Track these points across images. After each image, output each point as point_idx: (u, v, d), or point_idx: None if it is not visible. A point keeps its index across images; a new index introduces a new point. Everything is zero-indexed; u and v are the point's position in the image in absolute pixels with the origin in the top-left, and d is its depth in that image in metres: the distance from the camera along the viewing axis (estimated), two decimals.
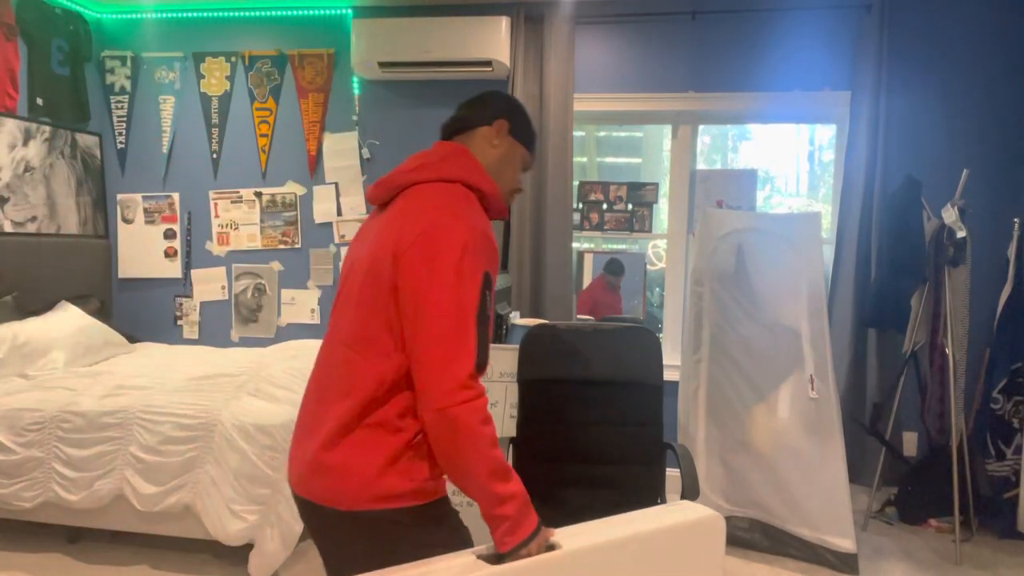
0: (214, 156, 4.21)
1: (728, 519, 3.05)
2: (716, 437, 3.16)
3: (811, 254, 3.06)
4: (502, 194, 1.39)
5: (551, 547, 1.18)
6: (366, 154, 4.07)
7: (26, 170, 3.71)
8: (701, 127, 3.97)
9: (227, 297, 4.25)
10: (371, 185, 1.37)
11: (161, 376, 3.15)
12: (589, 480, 2.31)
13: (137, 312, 4.32)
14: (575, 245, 3.88)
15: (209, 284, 4.25)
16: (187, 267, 4.27)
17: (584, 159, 5.21)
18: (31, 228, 3.75)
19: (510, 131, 1.41)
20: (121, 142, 4.27)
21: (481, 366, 1.17)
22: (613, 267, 4.02)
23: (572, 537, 1.23)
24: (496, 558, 1.15)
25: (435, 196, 1.25)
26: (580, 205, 3.98)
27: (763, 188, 4.82)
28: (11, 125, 3.60)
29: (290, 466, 1.31)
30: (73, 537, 2.94)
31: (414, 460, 1.20)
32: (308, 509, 1.26)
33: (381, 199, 1.34)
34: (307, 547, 2.87)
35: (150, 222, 4.28)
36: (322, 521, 1.25)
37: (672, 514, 1.35)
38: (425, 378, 1.14)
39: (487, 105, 1.41)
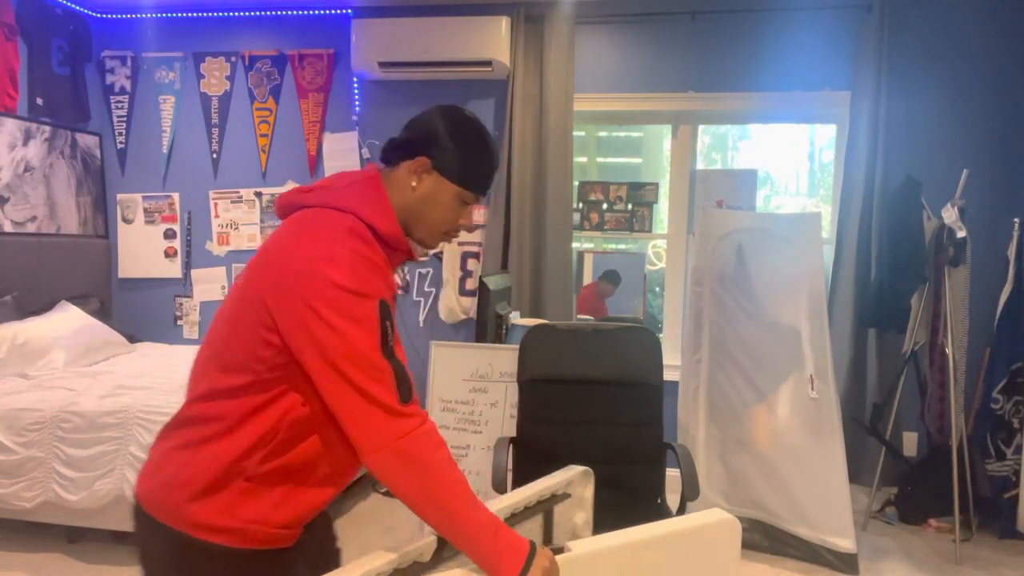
0: (214, 156, 4.21)
1: None
2: (716, 437, 3.16)
3: (811, 254, 3.06)
4: (429, 238, 1.23)
5: (558, 550, 1.12)
6: (366, 154, 4.07)
7: (26, 170, 3.71)
8: (701, 127, 3.97)
9: None
10: (283, 195, 1.23)
11: (161, 376, 3.15)
12: None
13: (137, 312, 4.32)
14: (575, 245, 3.88)
15: (209, 284, 4.25)
16: (187, 267, 4.27)
17: (584, 159, 5.21)
18: (31, 228, 3.75)
19: (434, 167, 1.18)
20: (121, 142, 4.27)
21: (406, 396, 1.06)
22: (610, 276, 4.02)
23: (583, 543, 1.18)
24: None
25: (319, 225, 1.09)
26: (580, 205, 3.98)
27: (763, 188, 4.82)
28: (11, 125, 3.60)
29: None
30: (73, 537, 2.94)
31: (242, 496, 1.08)
32: (135, 508, 1.15)
33: (281, 214, 1.20)
34: None
35: (150, 222, 4.28)
36: (139, 524, 1.15)
37: (687, 518, 1.33)
38: (354, 429, 1.03)
39: (413, 132, 1.20)
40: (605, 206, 3.96)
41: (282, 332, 1.05)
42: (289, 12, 4.09)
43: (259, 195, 4.19)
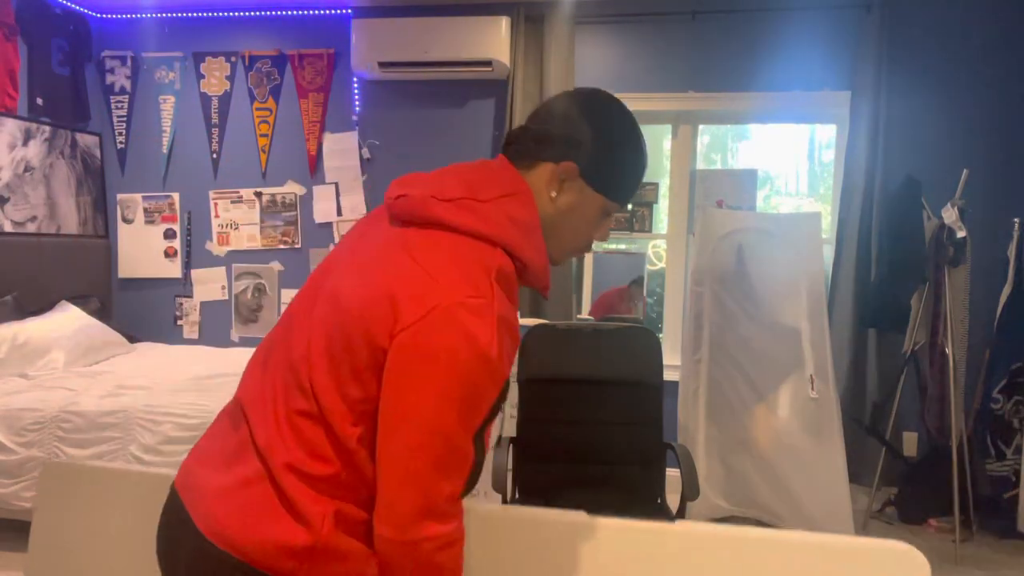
0: (214, 156, 4.21)
1: (728, 519, 3.05)
2: (716, 437, 3.16)
3: (811, 254, 3.06)
4: (559, 256, 1.07)
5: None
6: (366, 154, 4.07)
7: (26, 170, 3.71)
8: (701, 127, 3.97)
9: (227, 297, 4.25)
10: (397, 184, 1.01)
11: (161, 376, 3.15)
12: (589, 480, 2.31)
13: (137, 312, 4.32)
14: None
15: (209, 284, 4.25)
16: (187, 267, 4.27)
17: None
18: (31, 228, 3.75)
19: (582, 174, 1.00)
20: (121, 142, 4.27)
21: (467, 489, 0.96)
22: (640, 282, 4.01)
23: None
24: None
25: (464, 262, 0.92)
26: None
27: (763, 188, 4.82)
28: (11, 125, 3.60)
29: (195, 489, 0.99)
30: None
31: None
32: (204, 548, 0.95)
33: (396, 216, 0.99)
34: None
35: (150, 222, 4.28)
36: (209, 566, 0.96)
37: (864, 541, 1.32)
38: (388, 498, 0.90)
39: (556, 127, 0.99)
40: None
41: (386, 371, 0.89)
42: (289, 12, 4.09)
43: (259, 195, 4.19)
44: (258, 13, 4.12)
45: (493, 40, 3.63)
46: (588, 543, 1.32)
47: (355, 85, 4.06)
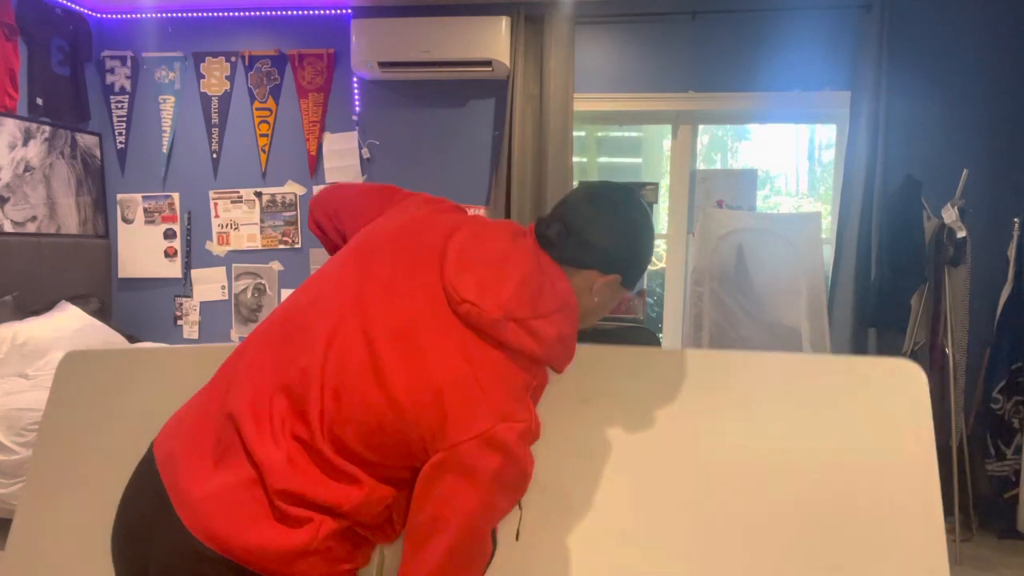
0: (214, 156, 4.21)
1: None
2: None
3: (811, 254, 3.06)
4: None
5: None
6: (366, 154, 4.07)
7: (26, 170, 3.71)
8: (701, 127, 3.96)
9: (227, 297, 4.25)
10: (460, 258, 1.04)
11: None
12: None
13: (137, 312, 4.31)
14: None
15: (209, 284, 4.25)
16: (187, 267, 4.27)
17: (584, 159, 5.21)
18: (31, 228, 3.75)
19: (621, 282, 1.11)
20: (121, 142, 4.27)
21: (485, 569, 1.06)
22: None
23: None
24: None
25: (513, 381, 0.99)
26: None
27: (763, 188, 4.82)
28: (11, 125, 3.60)
29: (185, 484, 0.99)
30: None
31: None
32: (189, 544, 0.96)
33: (455, 291, 1.00)
34: None
35: (150, 222, 4.28)
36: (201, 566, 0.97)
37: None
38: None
39: (617, 238, 1.08)
40: None
41: (432, 457, 0.96)
42: (289, 12, 4.09)
43: (259, 195, 4.19)
44: (258, 13, 4.12)
45: (493, 40, 3.63)
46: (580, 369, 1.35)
47: (355, 85, 4.06)
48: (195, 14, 4.16)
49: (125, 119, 4.26)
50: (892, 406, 1.25)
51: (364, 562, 1.08)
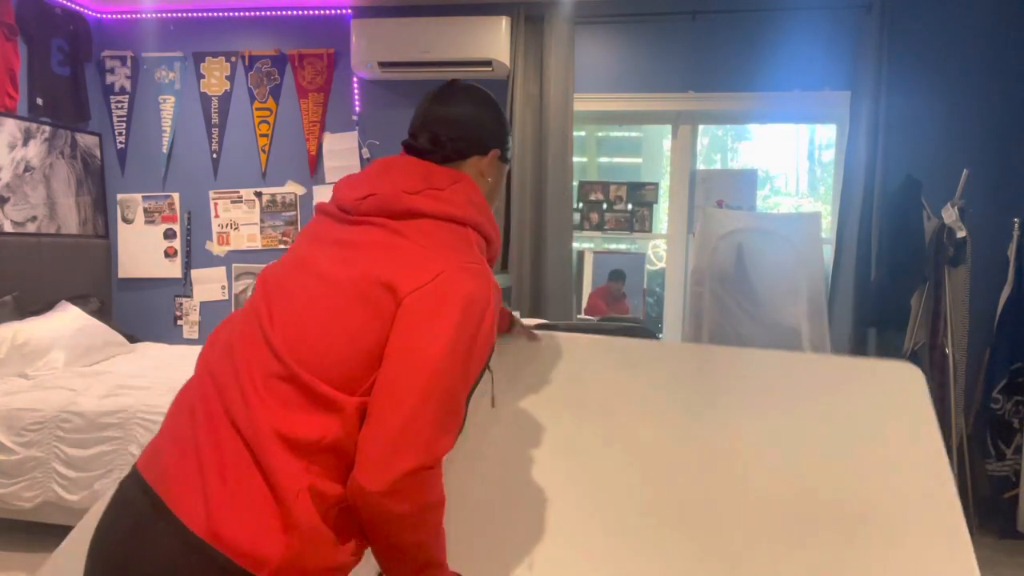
0: (214, 156, 4.21)
1: None
2: None
3: (811, 254, 3.06)
4: (492, 226, 1.19)
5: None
6: (366, 154, 4.07)
7: (26, 170, 3.71)
8: (701, 127, 3.97)
9: (227, 297, 4.25)
10: (349, 186, 1.12)
11: (161, 376, 3.15)
12: None
13: (137, 312, 4.32)
14: (575, 245, 3.88)
15: (209, 284, 4.25)
16: (187, 267, 4.27)
17: (584, 159, 5.21)
18: (31, 228, 3.75)
19: (500, 157, 1.20)
20: (121, 142, 4.27)
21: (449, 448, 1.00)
22: (615, 275, 4.02)
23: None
24: None
25: (448, 238, 1.04)
26: (580, 205, 3.98)
27: (763, 188, 4.82)
28: (11, 125, 3.60)
29: (182, 493, 0.93)
30: None
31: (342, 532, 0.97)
32: (194, 545, 0.90)
33: (367, 212, 1.07)
34: None
35: (150, 222, 4.28)
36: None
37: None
38: (376, 447, 0.92)
39: (485, 118, 1.18)
40: (605, 206, 3.96)
41: (394, 331, 0.96)
42: (289, 12, 4.09)
43: (259, 195, 4.19)
44: (258, 13, 4.12)
45: (493, 40, 3.63)
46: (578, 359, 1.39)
47: (355, 85, 4.06)
48: (195, 14, 4.16)
49: (125, 119, 4.26)
50: (893, 408, 1.25)
51: (359, 551, 1.02)
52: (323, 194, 4.12)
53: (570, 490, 1.27)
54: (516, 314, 1.63)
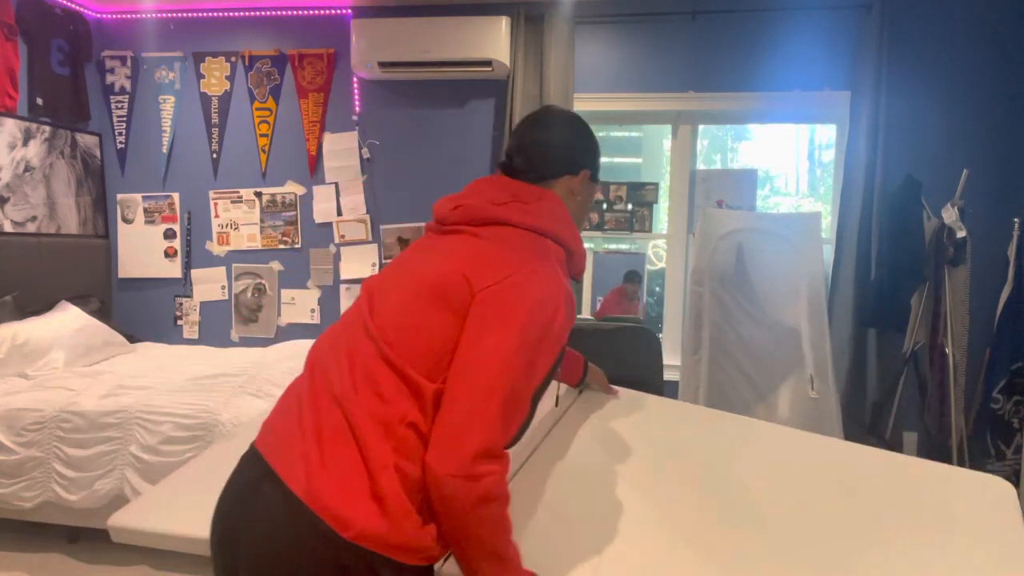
0: (214, 156, 4.21)
1: None
2: None
3: (811, 254, 3.06)
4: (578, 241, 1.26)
5: None
6: (366, 154, 4.07)
7: (26, 170, 3.71)
8: (701, 127, 3.97)
9: (227, 297, 4.25)
10: (444, 202, 1.22)
11: (161, 376, 3.15)
12: None
13: (137, 312, 4.31)
14: None
15: (209, 284, 4.25)
16: (187, 267, 4.27)
17: None
18: (31, 228, 3.74)
19: (591, 177, 1.29)
20: (121, 142, 4.27)
21: (512, 444, 1.07)
22: (631, 276, 4.01)
23: None
24: None
25: (526, 245, 1.12)
26: None
27: (763, 188, 4.82)
28: (11, 125, 3.60)
29: (286, 458, 1.04)
30: (73, 537, 2.94)
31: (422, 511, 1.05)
32: (303, 518, 1.00)
33: (457, 221, 1.18)
34: None
35: (150, 222, 4.28)
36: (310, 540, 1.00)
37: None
38: (445, 430, 1.00)
39: (577, 142, 1.27)
40: (605, 206, 3.96)
41: (467, 323, 1.04)
42: (289, 12, 4.09)
43: (259, 195, 4.19)
44: (258, 13, 4.12)
45: (493, 40, 3.63)
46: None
47: (355, 85, 4.06)
48: (195, 14, 4.16)
49: (125, 119, 4.26)
50: (984, 524, 1.22)
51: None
52: (323, 194, 4.12)
53: (637, 499, 1.29)
54: (592, 366, 1.70)
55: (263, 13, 4.12)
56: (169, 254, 4.27)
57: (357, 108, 4.07)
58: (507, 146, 1.29)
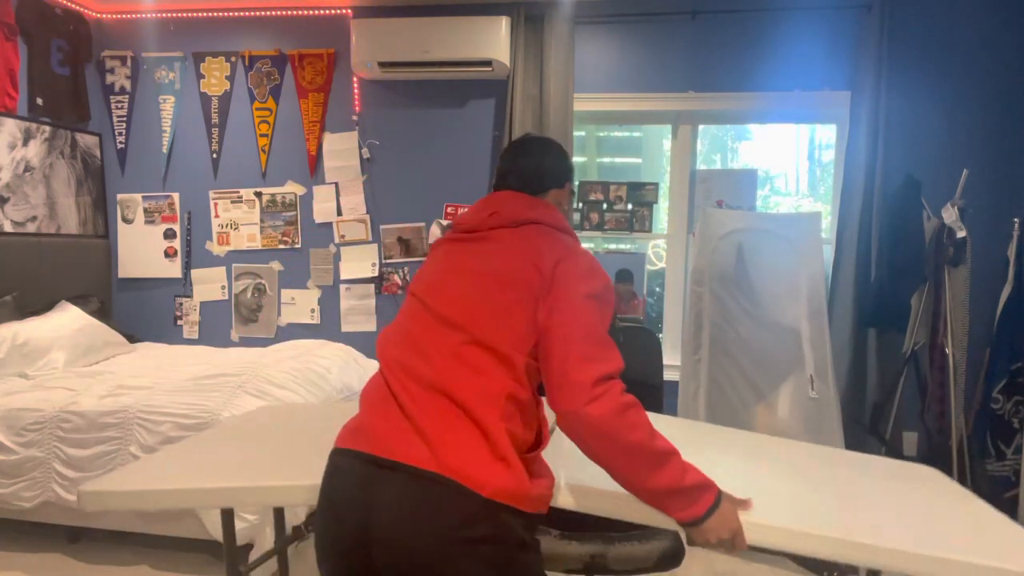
0: (214, 156, 4.21)
1: None
2: None
3: (811, 254, 3.06)
4: None
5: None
6: (366, 154, 4.07)
7: (26, 170, 3.71)
8: (701, 127, 3.97)
9: (227, 297, 4.25)
10: (472, 213, 1.43)
11: (161, 376, 3.15)
12: None
13: (137, 312, 4.32)
14: None
15: (209, 284, 4.25)
16: (187, 267, 4.27)
17: (584, 159, 5.21)
18: (31, 228, 3.75)
19: (570, 189, 1.55)
20: (121, 142, 4.27)
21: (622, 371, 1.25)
22: (622, 276, 4.01)
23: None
24: None
25: (560, 236, 1.38)
26: (580, 205, 3.98)
27: (763, 188, 4.82)
28: (11, 125, 3.60)
29: (401, 444, 1.19)
30: (73, 537, 2.94)
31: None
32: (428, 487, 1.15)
33: (494, 225, 1.40)
34: (307, 547, 2.87)
35: (150, 222, 4.28)
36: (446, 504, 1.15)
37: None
38: (559, 374, 1.20)
39: (558, 163, 1.52)
40: (605, 206, 3.96)
41: (552, 291, 1.27)
42: (289, 12, 4.09)
43: (259, 195, 4.19)
44: (258, 13, 4.12)
45: (493, 40, 3.63)
46: None
47: (355, 85, 4.06)
48: (195, 14, 4.16)
49: (125, 119, 4.26)
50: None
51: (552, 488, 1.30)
52: (323, 194, 4.12)
53: None
54: None
55: (263, 13, 4.12)
56: (169, 254, 4.27)
57: (357, 108, 4.07)
58: (499, 169, 1.53)
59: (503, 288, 1.28)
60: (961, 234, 3.04)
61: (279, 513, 2.09)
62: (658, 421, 1.69)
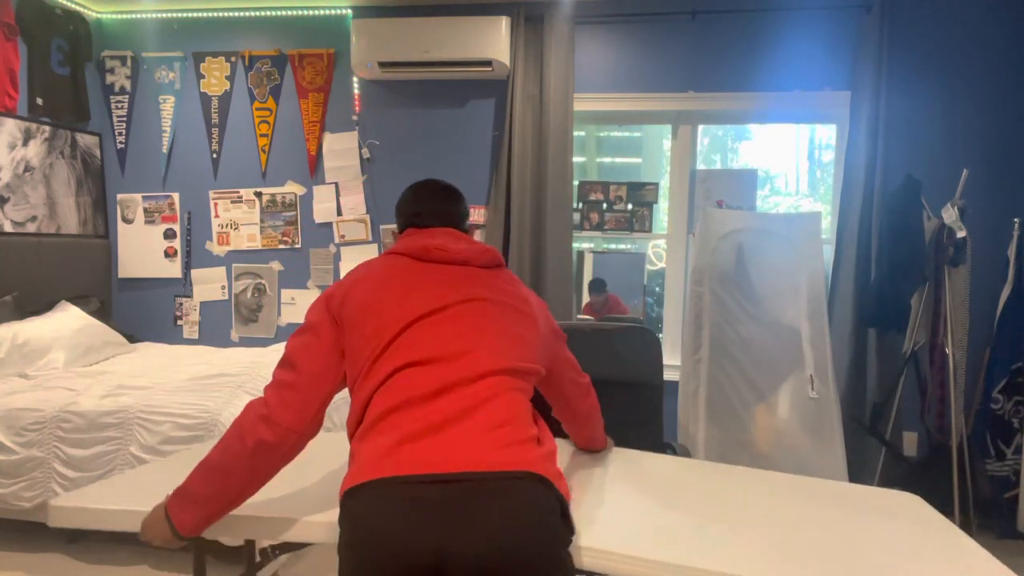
0: (214, 156, 4.21)
1: None
2: (716, 437, 3.16)
3: (811, 254, 3.06)
4: None
5: None
6: (366, 154, 4.07)
7: (26, 170, 3.71)
8: (701, 127, 3.97)
9: (227, 297, 4.25)
10: (445, 242, 1.52)
11: (161, 376, 3.15)
12: None
13: (137, 312, 4.32)
14: (575, 245, 3.88)
15: (209, 284, 4.25)
16: (187, 267, 4.27)
17: (584, 159, 5.21)
18: (31, 228, 3.75)
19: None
20: (121, 142, 4.27)
21: None
22: (594, 286, 4.02)
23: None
24: None
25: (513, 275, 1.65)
26: (580, 205, 3.98)
27: (763, 188, 4.82)
28: (11, 125, 3.60)
29: (463, 457, 1.22)
30: (73, 537, 2.94)
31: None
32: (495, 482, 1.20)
33: (482, 264, 1.54)
34: (307, 547, 2.87)
35: (150, 222, 4.28)
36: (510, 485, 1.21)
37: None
38: (577, 370, 1.74)
39: (463, 209, 1.68)
40: (605, 206, 3.96)
41: (547, 340, 1.56)
42: (289, 12, 4.10)
43: (259, 195, 4.19)
44: (258, 13, 4.12)
45: (493, 40, 3.63)
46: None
47: (355, 85, 4.06)
48: (195, 14, 4.16)
49: (125, 119, 4.26)
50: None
51: None
52: (323, 194, 4.12)
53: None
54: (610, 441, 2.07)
55: (263, 13, 4.12)
56: (169, 254, 4.27)
57: (357, 108, 4.07)
58: (422, 211, 1.60)
59: (521, 319, 1.51)
60: (961, 234, 3.04)
61: None
62: (643, 458, 1.84)
